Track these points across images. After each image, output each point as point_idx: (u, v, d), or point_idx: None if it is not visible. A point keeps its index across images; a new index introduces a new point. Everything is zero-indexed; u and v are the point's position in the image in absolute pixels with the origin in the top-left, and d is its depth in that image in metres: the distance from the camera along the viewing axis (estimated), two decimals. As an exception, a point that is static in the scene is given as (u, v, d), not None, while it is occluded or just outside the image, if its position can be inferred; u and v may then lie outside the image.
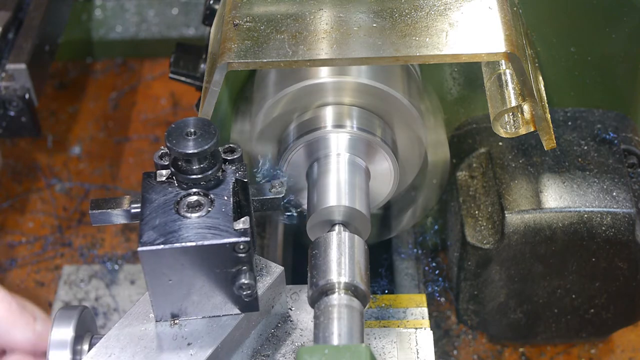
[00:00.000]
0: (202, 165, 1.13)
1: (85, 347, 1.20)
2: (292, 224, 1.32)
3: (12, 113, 1.57)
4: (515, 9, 1.31)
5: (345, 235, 1.18)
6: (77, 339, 1.20)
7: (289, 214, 1.30)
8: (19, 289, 1.67)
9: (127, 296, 1.65)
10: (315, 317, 1.12)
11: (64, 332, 1.19)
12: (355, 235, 1.19)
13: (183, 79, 1.53)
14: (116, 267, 1.70)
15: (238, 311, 1.15)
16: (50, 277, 1.69)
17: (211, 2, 1.43)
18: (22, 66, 1.56)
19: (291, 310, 1.25)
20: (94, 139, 1.95)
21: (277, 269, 1.19)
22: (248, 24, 1.22)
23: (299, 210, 1.30)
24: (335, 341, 1.08)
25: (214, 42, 1.27)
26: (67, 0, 1.83)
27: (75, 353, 1.19)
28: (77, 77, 2.08)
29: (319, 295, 1.13)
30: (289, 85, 1.27)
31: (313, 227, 1.22)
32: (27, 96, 1.56)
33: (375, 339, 1.25)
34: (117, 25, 2.10)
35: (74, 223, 1.78)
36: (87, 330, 1.22)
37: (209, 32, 1.38)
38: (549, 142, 1.24)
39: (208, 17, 1.44)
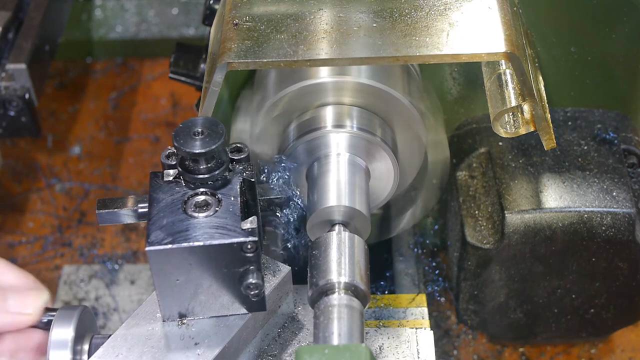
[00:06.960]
0: (209, 165, 1.13)
1: (85, 347, 1.19)
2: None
3: (12, 113, 1.57)
4: (515, 9, 1.31)
5: (345, 235, 1.18)
6: (77, 339, 1.19)
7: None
8: (19, 289, 1.67)
9: (127, 296, 1.65)
10: (315, 317, 1.12)
11: (64, 332, 1.19)
12: (355, 235, 1.19)
13: (183, 79, 1.53)
14: (116, 267, 1.70)
15: (245, 311, 1.15)
16: (50, 277, 1.69)
17: (211, 2, 1.43)
18: (22, 66, 1.56)
19: (297, 310, 1.25)
20: (94, 139, 1.95)
21: (284, 269, 1.19)
22: (248, 24, 1.22)
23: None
24: (335, 341, 1.08)
25: (214, 42, 1.27)
26: (67, 0, 1.83)
27: (75, 353, 1.18)
28: (77, 77, 2.08)
29: (319, 295, 1.13)
30: (289, 85, 1.27)
31: (313, 227, 1.22)
32: (27, 96, 1.56)
33: (375, 339, 1.25)
34: (117, 25, 2.10)
35: (74, 223, 1.78)
36: (87, 330, 1.22)
37: (209, 32, 1.38)
38: (549, 142, 1.24)
39: (208, 17, 1.44)
